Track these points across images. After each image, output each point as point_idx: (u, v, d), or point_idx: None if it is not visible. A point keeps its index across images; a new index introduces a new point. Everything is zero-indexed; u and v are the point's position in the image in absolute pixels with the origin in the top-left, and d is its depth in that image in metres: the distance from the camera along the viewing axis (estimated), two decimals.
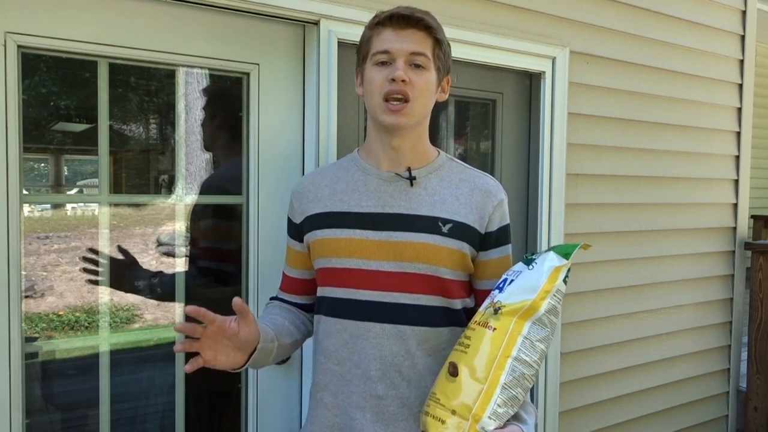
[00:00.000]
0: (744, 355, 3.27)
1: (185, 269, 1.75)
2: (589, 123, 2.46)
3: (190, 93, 1.71)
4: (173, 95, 1.69)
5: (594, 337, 2.54)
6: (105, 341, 1.61)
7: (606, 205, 2.54)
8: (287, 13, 1.70)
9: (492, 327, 1.18)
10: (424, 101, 1.30)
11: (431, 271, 1.30)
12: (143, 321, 1.73)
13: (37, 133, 1.53)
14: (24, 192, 1.50)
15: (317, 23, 1.76)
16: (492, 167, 2.26)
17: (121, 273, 1.65)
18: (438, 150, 1.41)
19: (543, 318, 1.18)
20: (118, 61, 1.58)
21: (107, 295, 1.64)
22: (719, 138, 2.93)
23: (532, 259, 1.26)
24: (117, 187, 1.62)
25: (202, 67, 1.70)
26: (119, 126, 1.64)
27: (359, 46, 1.36)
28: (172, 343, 1.71)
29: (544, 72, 2.27)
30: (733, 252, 3.04)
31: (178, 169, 1.71)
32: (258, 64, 1.73)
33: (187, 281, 1.75)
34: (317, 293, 1.39)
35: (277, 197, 1.77)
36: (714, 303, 2.98)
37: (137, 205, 1.68)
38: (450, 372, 1.19)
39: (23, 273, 1.50)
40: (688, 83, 2.77)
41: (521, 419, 1.21)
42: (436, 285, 1.31)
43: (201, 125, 1.74)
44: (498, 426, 1.13)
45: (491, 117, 2.26)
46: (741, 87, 3.00)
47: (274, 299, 1.52)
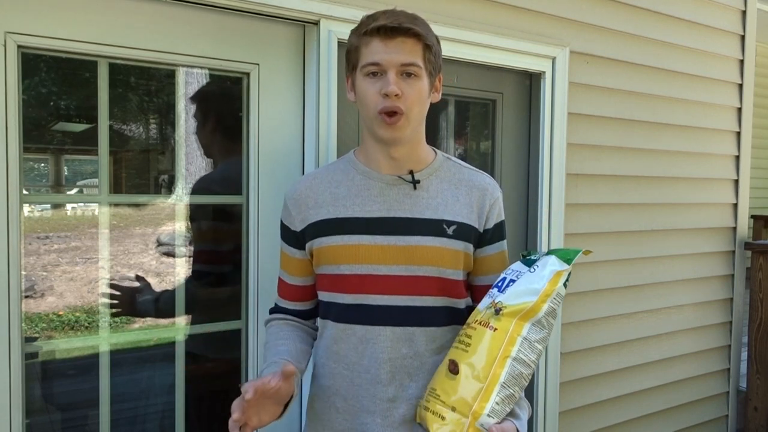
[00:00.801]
0: (744, 355, 3.26)
1: (185, 269, 1.75)
2: (589, 123, 2.46)
3: (190, 93, 1.71)
4: (173, 95, 1.68)
5: (594, 337, 2.54)
6: (105, 341, 1.61)
7: (606, 205, 2.54)
8: (287, 13, 1.70)
9: (493, 327, 1.21)
10: (418, 110, 1.29)
11: (438, 273, 1.31)
12: (143, 321, 1.73)
13: (37, 133, 1.53)
14: (24, 192, 1.49)
15: (317, 23, 1.76)
16: (492, 167, 2.26)
17: (137, 300, 1.69)
18: (434, 150, 1.42)
19: (542, 320, 1.21)
20: (118, 61, 1.58)
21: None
22: (719, 138, 2.93)
23: (532, 261, 1.28)
24: (117, 187, 1.62)
25: (202, 67, 1.70)
26: (119, 126, 1.64)
27: (347, 53, 1.35)
28: (172, 343, 1.71)
29: (544, 72, 2.27)
30: (733, 252, 3.04)
31: (178, 169, 1.71)
32: (258, 64, 1.73)
33: (188, 282, 1.75)
34: (322, 298, 1.38)
35: (278, 197, 1.77)
36: (714, 303, 2.98)
37: (137, 205, 1.68)
38: (450, 369, 1.22)
39: (23, 273, 1.50)
40: (688, 83, 2.77)
41: (516, 415, 1.24)
42: (442, 286, 1.32)
43: (199, 125, 1.74)
44: (496, 422, 1.16)
45: (491, 117, 2.26)
46: (741, 87, 3.00)
47: (274, 311, 1.48)
